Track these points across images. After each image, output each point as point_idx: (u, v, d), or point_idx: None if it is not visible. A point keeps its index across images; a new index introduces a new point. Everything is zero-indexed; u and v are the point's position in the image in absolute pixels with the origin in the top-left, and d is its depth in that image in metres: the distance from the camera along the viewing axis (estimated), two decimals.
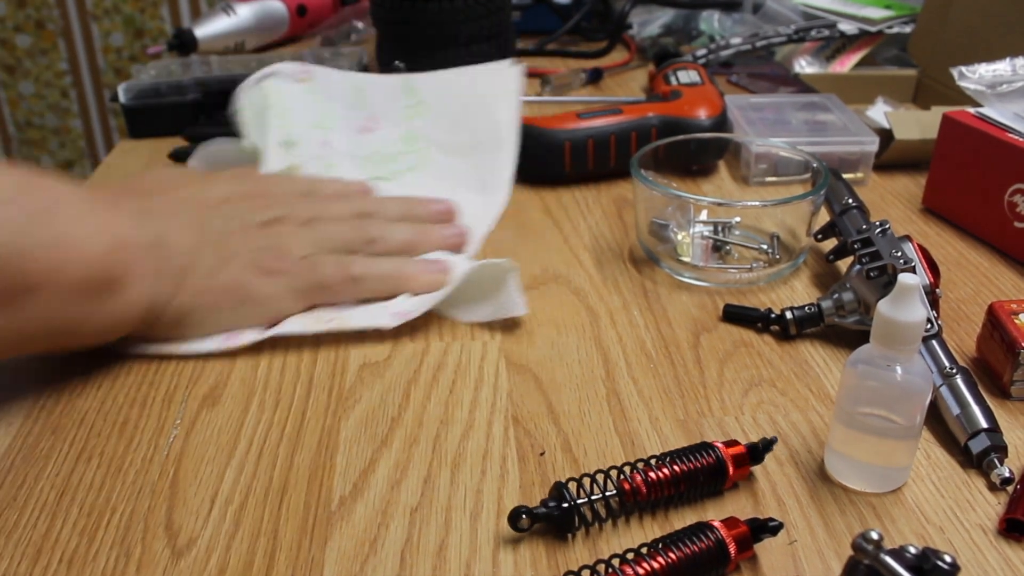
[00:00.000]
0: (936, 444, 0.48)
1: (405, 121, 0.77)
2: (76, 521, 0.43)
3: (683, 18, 1.20)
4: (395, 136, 0.76)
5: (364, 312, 0.57)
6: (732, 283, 0.63)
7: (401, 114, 0.77)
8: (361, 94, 0.78)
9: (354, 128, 0.76)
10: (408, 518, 0.43)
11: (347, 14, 1.30)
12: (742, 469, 0.45)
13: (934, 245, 0.68)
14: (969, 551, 0.41)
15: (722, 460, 0.44)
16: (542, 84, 1.03)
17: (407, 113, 0.77)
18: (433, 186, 0.72)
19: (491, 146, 0.74)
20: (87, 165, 2.13)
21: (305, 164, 0.71)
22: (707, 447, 0.44)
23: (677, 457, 0.44)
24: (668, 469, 0.43)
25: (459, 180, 0.74)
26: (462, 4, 0.97)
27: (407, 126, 0.77)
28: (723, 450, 0.44)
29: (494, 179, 0.73)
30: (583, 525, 0.42)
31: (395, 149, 0.75)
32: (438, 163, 0.75)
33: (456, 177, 0.74)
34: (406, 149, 0.75)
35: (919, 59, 0.98)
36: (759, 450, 0.45)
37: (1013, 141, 0.65)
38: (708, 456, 0.44)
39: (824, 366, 0.55)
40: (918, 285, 0.40)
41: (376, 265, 0.59)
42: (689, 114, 0.80)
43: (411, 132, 0.76)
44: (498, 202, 0.73)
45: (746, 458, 0.45)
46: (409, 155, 0.75)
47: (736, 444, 0.45)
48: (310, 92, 0.77)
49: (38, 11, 1.95)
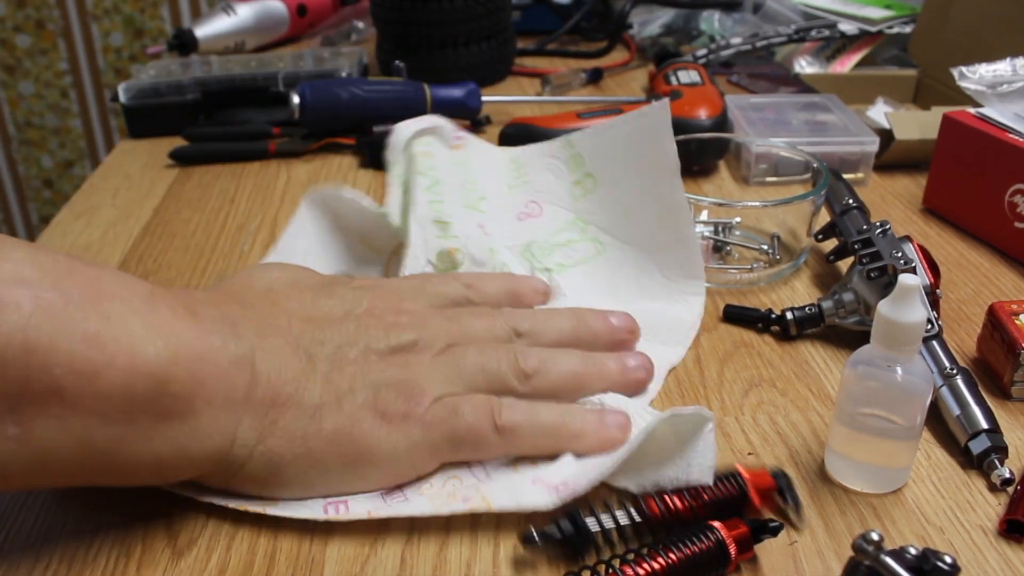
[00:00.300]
0: (936, 445, 0.48)
1: (573, 202, 0.62)
2: (77, 521, 0.43)
3: (683, 18, 1.20)
4: (562, 222, 0.62)
5: (511, 484, 0.43)
6: (732, 283, 0.63)
7: (567, 192, 0.63)
8: (521, 170, 0.65)
9: (513, 214, 0.63)
10: (408, 518, 0.43)
11: (347, 14, 1.31)
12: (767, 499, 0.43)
13: (934, 245, 0.68)
14: (969, 552, 0.41)
15: (743, 489, 0.42)
16: (542, 84, 1.03)
17: (574, 192, 0.62)
18: (608, 282, 0.59)
19: (670, 223, 0.58)
20: (87, 165, 2.13)
21: (466, 246, 0.58)
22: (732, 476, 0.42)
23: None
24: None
25: (640, 277, 0.59)
26: (462, 4, 0.97)
27: (576, 208, 0.62)
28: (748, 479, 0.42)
29: (684, 274, 0.58)
30: (595, 550, 0.40)
31: (563, 238, 0.61)
32: (613, 254, 0.60)
33: (637, 272, 0.59)
34: (579, 237, 0.61)
35: (919, 59, 0.98)
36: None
37: (1013, 141, 0.65)
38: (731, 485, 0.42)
39: (824, 366, 0.54)
40: (918, 285, 0.40)
41: (535, 413, 0.44)
42: (689, 114, 0.80)
43: (581, 216, 0.62)
44: (693, 314, 0.57)
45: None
46: (580, 244, 0.61)
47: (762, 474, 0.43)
48: (462, 163, 0.66)
49: (38, 11, 1.95)
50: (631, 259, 0.59)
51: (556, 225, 0.62)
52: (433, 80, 0.91)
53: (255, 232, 0.72)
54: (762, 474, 0.43)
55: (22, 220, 2.18)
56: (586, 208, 0.62)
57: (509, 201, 0.64)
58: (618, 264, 0.60)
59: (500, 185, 0.65)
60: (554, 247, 0.60)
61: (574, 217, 0.62)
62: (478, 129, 0.92)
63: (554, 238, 0.61)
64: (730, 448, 0.48)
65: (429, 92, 0.89)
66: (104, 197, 0.79)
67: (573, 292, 0.57)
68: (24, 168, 2.12)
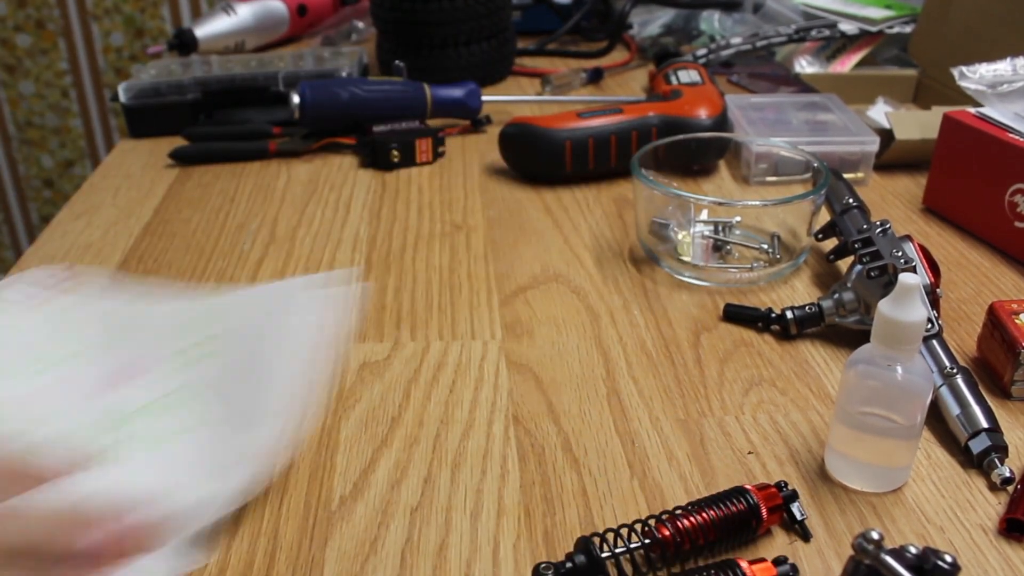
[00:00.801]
0: (936, 444, 0.48)
1: (184, 368, 0.52)
2: None
3: (683, 18, 1.20)
4: (160, 391, 0.50)
5: None
6: (732, 283, 0.63)
7: (180, 356, 0.52)
8: (125, 329, 0.54)
9: (97, 377, 0.51)
10: (408, 518, 0.43)
11: (347, 14, 1.30)
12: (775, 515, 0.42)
13: (935, 245, 0.68)
14: (970, 551, 0.41)
15: (756, 506, 0.41)
16: (542, 84, 1.03)
17: (189, 355, 0.52)
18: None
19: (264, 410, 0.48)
20: (87, 165, 2.13)
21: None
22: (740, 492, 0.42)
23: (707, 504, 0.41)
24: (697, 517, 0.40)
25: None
26: (462, 4, 0.97)
27: (186, 375, 0.51)
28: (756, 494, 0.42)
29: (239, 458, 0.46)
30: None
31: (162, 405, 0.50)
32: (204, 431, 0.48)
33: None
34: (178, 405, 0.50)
35: (919, 59, 0.98)
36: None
37: (1013, 141, 0.65)
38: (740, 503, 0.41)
39: (824, 366, 0.54)
40: (919, 285, 0.40)
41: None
42: (690, 114, 0.80)
43: (188, 383, 0.51)
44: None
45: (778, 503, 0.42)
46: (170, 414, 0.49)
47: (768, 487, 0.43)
48: (45, 322, 0.54)
49: (38, 11, 1.95)
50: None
51: (151, 393, 0.50)
52: (433, 80, 0.91)
53: (255, 232, 0.72)
54: (771, 491, 0.42)
55: (22, 220, 2.18)
56: (200, 376, 0.51)
57: (98, 360, 0.52)
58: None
59: (90, 343, 0.53)
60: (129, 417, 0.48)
61: (180, 384, 0.50)
62: (479, 128, 0.92)
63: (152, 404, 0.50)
64: (730, 447, 0.48)
65: (429, 92, 0.89)
66: (104, 197, 0.79)
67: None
68: (24, 168, 2.12)
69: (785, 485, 0.43)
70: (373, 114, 0.86)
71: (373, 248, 0.69)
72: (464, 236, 0.71)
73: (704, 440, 0.48)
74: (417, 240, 0.70)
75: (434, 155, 0.85)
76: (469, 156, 0.87)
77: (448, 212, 0.75)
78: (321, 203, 0.77)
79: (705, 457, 0.47)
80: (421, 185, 0.80)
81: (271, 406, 0.48)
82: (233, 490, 0.44)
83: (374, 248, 0.69)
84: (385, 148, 0.83)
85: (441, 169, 0.84)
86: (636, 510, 0.44)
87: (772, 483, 0.43)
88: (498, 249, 0.68)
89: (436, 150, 0.85)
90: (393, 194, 0.78)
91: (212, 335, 0.53)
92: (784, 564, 0.39)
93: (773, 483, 0.43)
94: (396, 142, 0.83)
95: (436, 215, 0.74)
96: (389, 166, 0.83)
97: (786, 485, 0.43)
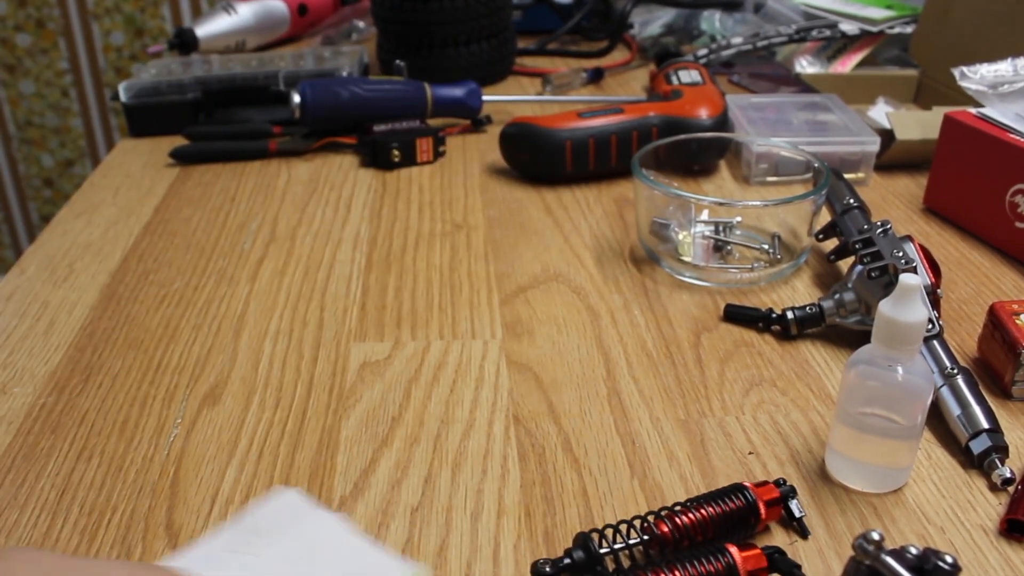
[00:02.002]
0: (937, 444, 0.48)
1: None
2: (77, 520, 0.43)
3: (684, 18, 1.20)
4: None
5: None
6: (733, 283, 0.63)
7: None
8: None
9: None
10: (408, 518, 0.43)
11: (348, 13, 1.30)
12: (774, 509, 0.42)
13: (935, 245, 0.68)
14: (970, 551, 0.41)
15: (754, 503, 0.41)
16: (543, 84, 1.03)
17: None
18: None
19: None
20: (87, 164, 2.13)
21: None
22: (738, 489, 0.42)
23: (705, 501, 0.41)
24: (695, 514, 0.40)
25: None
26: (463, 3, 0.97)
27: None
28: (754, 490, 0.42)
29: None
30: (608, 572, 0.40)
31: None
32: None
33: None
34: None
35: (920, 59, 0.98)
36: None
37: (1014, 141, 0.64)
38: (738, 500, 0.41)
39: (825, 366, 0.54)
40: (919, 285, 0.40)
41: None
42: (690, 114, 0.80)
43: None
44: None
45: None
46: None
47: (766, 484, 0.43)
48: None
49: (38, 10, 1.95)
50: None
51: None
52: (434, 79, 0.91)
53: (256, 231, 0.72)
54: (768, 488, 0.42)
55: (22, 219, 2.18)
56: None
57: None
58: None
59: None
60: None
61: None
62: (479, 128, 0.92)
63: None
64: (731, 448, 0.48)
65: (430, 91, 0.89)
66: (105, 196, 0.79)
67: None
68: (24, 167, 2.12)
69: (783, 482, 0.43)
70: (374, 113, 0.86)
71: (373, 247, 0.69)
72: (464, 236, 0.71)
73: (704, 440, 0.48)
74: (418, 239, 0.70)
75: (435, 155, 0.85)
76: (469, 156, 0.87)
77: (449, 212, 0.75)
78: (322, 202, 0.77)
79: (705, 457, 0.47)
80: (422, 184, 0.80)
81: None
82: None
83: (374, 247, 0.69)
84: (386, 147, 0.83)
85: (442, 169, 0.84)
86: (636, 510, 0.44)
87: (771, 480, 0.43)
88: (498, 249, 0.68)
89: (437, 150, 0.85)
90: (394, 193, 0.78)
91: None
92: (770, 548, 0.39)
93: (772, 480, 0.43)
94: (397, 141, 0.83)
95: (437, 214, 0.74)
96: (390, 165, 0.83)
97: (784, 482, 0.43)
